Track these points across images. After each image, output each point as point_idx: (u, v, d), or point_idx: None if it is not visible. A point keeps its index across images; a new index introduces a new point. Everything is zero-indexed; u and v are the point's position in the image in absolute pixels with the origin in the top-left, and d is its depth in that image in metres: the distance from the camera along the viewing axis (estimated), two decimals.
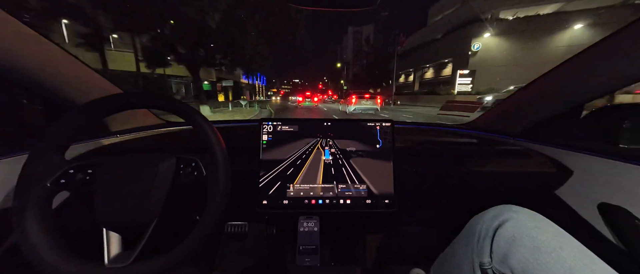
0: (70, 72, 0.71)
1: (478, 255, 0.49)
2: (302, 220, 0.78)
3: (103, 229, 0.52)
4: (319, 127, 0.76)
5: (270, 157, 0.74)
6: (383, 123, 0.77)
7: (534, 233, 0.43)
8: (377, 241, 1.13)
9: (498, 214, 0.49)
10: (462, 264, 0.52)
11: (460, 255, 0.54)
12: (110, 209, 0.50)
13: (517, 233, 0.44)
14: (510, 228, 0.46)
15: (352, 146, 0.75)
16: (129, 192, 0.51)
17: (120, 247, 0.53)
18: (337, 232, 0.83)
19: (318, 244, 0.76)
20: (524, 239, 0.43)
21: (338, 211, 0.73)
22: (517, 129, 0.94)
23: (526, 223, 0.45)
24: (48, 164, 0.50)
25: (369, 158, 0.75)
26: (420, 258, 1.06)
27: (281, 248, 0.87)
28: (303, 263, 0.74)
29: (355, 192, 0.73)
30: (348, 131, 0.76)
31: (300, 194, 0.73)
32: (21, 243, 0.45)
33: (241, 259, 1.07)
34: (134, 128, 0.96)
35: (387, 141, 0.76)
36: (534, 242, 0.42)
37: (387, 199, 0.73)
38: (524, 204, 0.53)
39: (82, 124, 0.52)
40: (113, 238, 0.52)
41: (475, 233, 0.51)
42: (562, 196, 0.77)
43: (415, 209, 1.14)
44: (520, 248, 0.43)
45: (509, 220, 0.47)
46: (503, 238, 0.45)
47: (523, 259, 0.42)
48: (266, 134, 0.75)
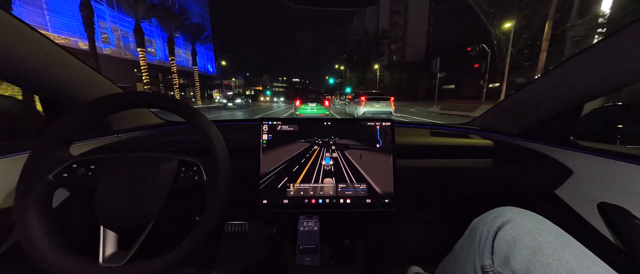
0: (70, 72, 0.71)
1: (480, 258, 0.48)
2: (302, 219, 0.78)
3: (100, 227, 0.52)
4: (319, 127, 0.76)
5: (270, 157, 0.74)
6: (383, 123, 0.77)
7: (535, 234, 0.43)
8: (376, 240, 1.13)
9: (499, 215, 0.49)
10: (465, 267, 0.52)
11: (462, 258, 0.54)
12: (109, 206, 0.50)
13: (518, 235, 0.44)
14: (511, 229, 0.46)
15: (352, 146, 0.75)
16: (129, 191, 0.51)
17: (116, 246, 0.53)
18: (337, 231, 0.83)
19: (318, 243, 0.76)
20: (525, 240, 0.43)
21: (338, 210, 0.73)
22: (516, 129, 0.94)
23: (527, 224, 0.45)
24: (52, 157, 0.50)
25: (369, 158, 0.75)
26: (420, 257, 1.06)
27: (281, 247, 0.87)
28: (303, 263, 0.74)
29: (355, 192, 0.73)
30: (348, 131, 0.76)
31: (300, 194, 0.73)
32: (21, 233, 0.45)
33: (241, 259, 1.07)
34: (134, 128, 0.96)
35: (387, 141, 0.76)
36: (535, 243, 0.42)
37: (387, 199, 0.73)
38: (524, 204, 0.53)
39: (86, 121, 0.53)
40: (109, 236, 0.53)
41: (476, 235, 0.50)
42: (562, 196, 0.77)
43: (415, 209, 1.14)
44: (521, 250, 0.43)
45: (510, 221, 0.47)
46: (504, 239, 0.45)
47: (524, 261, 0.42)
48: (266, 133, 0.75)
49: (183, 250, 0.49)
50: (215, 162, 0.54)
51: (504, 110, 0.99)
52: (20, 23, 0.56)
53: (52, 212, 0.50)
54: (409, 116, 11.69)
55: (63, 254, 0.46)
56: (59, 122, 0.51)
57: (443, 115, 13.00)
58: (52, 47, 0.64)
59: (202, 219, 0.52)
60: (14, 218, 0.46)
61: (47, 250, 0.45)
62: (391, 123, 0.77)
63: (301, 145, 0.75)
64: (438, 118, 11.81)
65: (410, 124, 1.21)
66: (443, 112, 13.53)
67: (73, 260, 0.46)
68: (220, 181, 0.53)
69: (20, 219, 0.45)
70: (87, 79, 0.76)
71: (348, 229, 0.85)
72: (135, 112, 0.96)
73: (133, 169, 0.52)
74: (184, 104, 0.56)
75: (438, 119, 11.14)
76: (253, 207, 0.72)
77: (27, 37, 0.59)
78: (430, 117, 12.01)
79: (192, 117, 0.56)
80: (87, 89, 0.76)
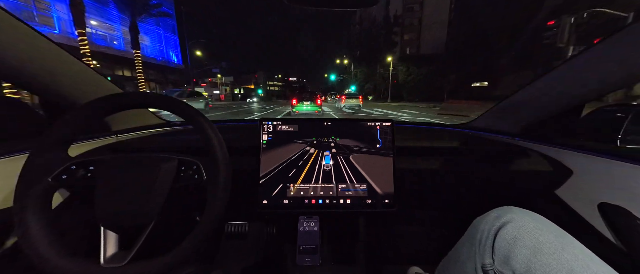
0: (70, 72, 0.71)
1: (480, 257, 0.49)
2: (302, 220, 0.78)
3: (101, 228, 0.52)
4: (319, 127, 0.76)
5: (270, 157, 0.74)
6: (383, 123, 0.77)
7: (536, 233, 0.43)
8: (376, 241, 1.13)
9: (499, 215, 0.49)
10: (465, 266, 0.52)
11: (463, 257, 0.54)
12: (109, 207, 0.50)
13: (518, 234, 0.44)
14: (511, 229, 0.46)
15: (352, 146, 0.75)
16: (129, 192, 0.51)
17: (117, 247, 0.53)
18: (337, 232, 0.83)
19: (318, 243, 0.76)
20: (525, 240, 0.43)
21: (338, 210, 0.73)
22: (516, 129, 0.94)
23: (528, 223, 0.45)
24: (51, 159, 0.50)
25: (369, 158, 0.75)
26: (420, 257, 1.06)
27: (281, 247, 0.87)
28: (303, 263, 0.74)
29: (355, 192, 0.73)
30: (348, 131, 0.76)
31: (300, 194, 0.73)
32: (21, 236, 0.45)
33: (241, 259, 1.07)
34: (134, 128, 0.96)
35: (387, 141, 0.76)
36: (535, 243, 0.42)
37: (387, 199, 0.73)
38: (524, 204, 0.53)
39: (85, 122, 0.53)
40: (110, 237, 0.52)
41: (477, 234, 0.51)
42: (562, 196, 0.77)
43: (415, 209, 1.15)
44: (522, 249, 0.43)
45: (511, 221, 0.47)
46: (505, 239, 0.46)
47: (525, 260, 0.42)
48: (266, 133, 0.75)
49: (183, 250, 0.49)
50: (215, 161, 0.54)
51: (504, 110, 0.99)
52: (20, 23, 0.56)
53: (52, 213, 0.50)
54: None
55: (64, 256, 0.46)
56: (57, 123, 0.51)
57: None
58: (52, 48, 0.64)
59: (203, 218, 0.52)
60: (14, 220, 0.45)
61: (48, 252, 0.45)
62: (391, 123, 0.77)
63: (301, 145, 0.75)
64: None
65: (411, 124, 1.21)
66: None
67: (74, 262, 0.46)
68: (220, 180, 0.53)
69: (20, 223, 0.45)
70: (88, 80, 0.76)
71: (348, 229, 0.85)
72: (135, 112, 0.96)
73: (133, 170, 0.52)
74: (184, 104, 0.56)
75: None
76: (253, 207, 0.72)
77: (27, 37, 0.59)
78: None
79: (192, 117, 0.56)
80: (87, 89, 0.76)
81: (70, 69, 0.70)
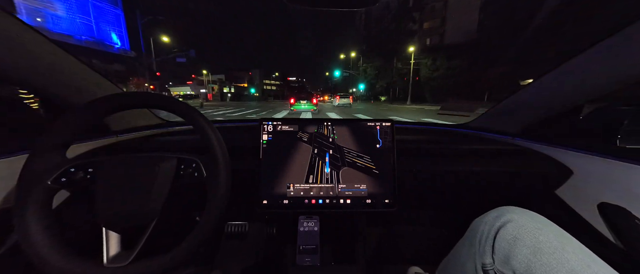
0: (70, 72, 0.71)
1: (480, 256, 0.49)
2: (302, 220, 0.78)
3: (103, 228, 0.52)
4: (320, 127, 0.76)
5: (270, 157, 0.74)
6: (383, 123, 0.77)
7: (536, 233, 0.43)
8: (377, 241, 1.13)
9: (500, 215, 0.49)
10: (466, 266, 0.52)
11: (463, 257, 0.54)
12: (110, 208, 0.50)
13: (518, 234, 0.44)
14: (511, 228, 0.46)
15: (353, 146, 0.75)
16: (129, 192, 0.51)
17: (119, 247, 0.53)
18: (337, 232, 0.83)
19: (318, 243, 0.76)
20: (525, 239, 0.43)
21: (338, 210, 0.73)
22: (516, 129, 0.94)
23: (528, 223, 0.45)
24: (49, 162, 0.50)
25: (369, 158, 0.75)
26: (420, 257, 1.06)
27: (281, 247, 0.87)
28: (303, 263, 0.74)
29: (355, 192, 0.73)
30: (348, 131, 0.76)
31: (300, 194, 0.73)
32: (22, 240, 0.45)
33: (241, 259, 1.07)
34: (134, 128, 0.96)
35: (387, 141, 0.76)
36: (535, 242, 0.42)
37: (387, 199, 0.73)
38: (524, 204, 0.53)
39: (83, 123, 0.52)
40: (112, 237, 0.52)
41: (477, 234, 0.51)
42: (562, 196, 0.77)
43: (415, 209, 1.15)
44: (522, 249, 0.43)
45: (511, 221, 0.47)
46: (505, 239, 0.46)
47: (525, 260, 0.42)
48: (266, 133, 0.75)
49: (188, 245, 0.50)
50: (214, 159, 0.54)
51: (504, 110, 0.99)
52: (20, 23, 0.56)
53: (52, 215, 0.50)
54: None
55: (66, 257, 0.46)
56: (56, 124, 0.51)
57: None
58: (52, 48, 0.64)
59: (204, 214, 0.52)
60: (14, 223, 0.45)
61: (49, 254, 0.45)
62: (391, 123, 0.77)
63: (301, 145, 0.75)
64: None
65: (411, 124, 1.21)
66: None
67: (77, 263, 0.46)
68: (220, 177, 0.53)
69: (20, 225, 0.45)
70: (88, 80, 0.76)
71: (348, 229, 0.85)
72: (135, 112, 0.96)
73: (132, 171, 0.52)
74: (184, 104, 0.56)
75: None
76: (253, 207, 0.72)
77: (27, 37, 0.58)
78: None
79: (192, 117, 0.56)
80: (88, 89, 0.76)
81: (70, 70, 0.70)
